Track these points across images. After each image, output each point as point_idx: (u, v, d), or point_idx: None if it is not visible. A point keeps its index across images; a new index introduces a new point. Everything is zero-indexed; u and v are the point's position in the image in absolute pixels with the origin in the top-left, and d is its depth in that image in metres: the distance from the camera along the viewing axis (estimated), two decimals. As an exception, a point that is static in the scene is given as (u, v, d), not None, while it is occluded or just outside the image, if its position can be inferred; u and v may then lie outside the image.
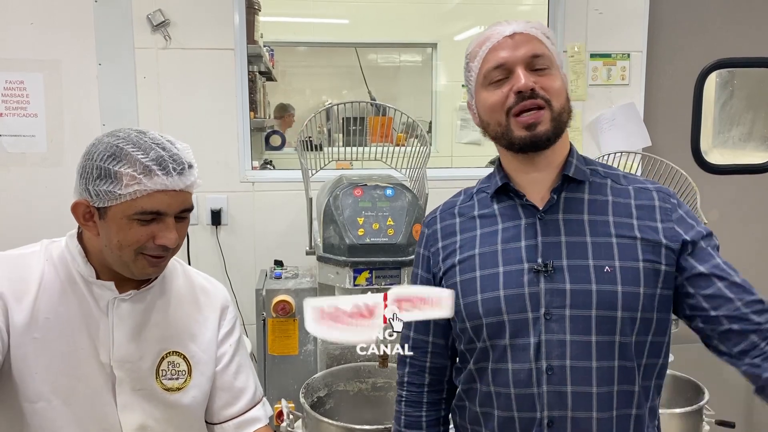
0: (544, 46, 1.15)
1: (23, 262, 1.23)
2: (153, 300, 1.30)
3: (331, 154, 2.11)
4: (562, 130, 1.16)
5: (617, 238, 1.14)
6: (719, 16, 2.72)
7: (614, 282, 1.12)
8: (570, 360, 1.12)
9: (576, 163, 1.20)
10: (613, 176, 1.22)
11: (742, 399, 2.94)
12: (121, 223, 1.16)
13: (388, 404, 1.95)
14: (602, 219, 1.16)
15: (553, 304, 1.13)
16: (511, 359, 1.15)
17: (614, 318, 1.12)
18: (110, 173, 1.14)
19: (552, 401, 1.13)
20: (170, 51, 2.39)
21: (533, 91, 1.12)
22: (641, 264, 1.13)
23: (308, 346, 2.07)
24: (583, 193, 1.18)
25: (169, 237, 1.17)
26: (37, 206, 2.37)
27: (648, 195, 1.18)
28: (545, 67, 1.14)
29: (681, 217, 1.17)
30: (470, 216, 1.26)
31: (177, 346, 1.30)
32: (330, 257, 1.67)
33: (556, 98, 1.13)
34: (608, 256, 1.13)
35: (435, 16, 5.07)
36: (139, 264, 1.20)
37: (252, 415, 1.40)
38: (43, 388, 1.19)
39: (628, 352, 1.13)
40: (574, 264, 1.14)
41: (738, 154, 2.88)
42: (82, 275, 1.23)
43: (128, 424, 1.24)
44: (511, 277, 1.16)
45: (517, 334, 1.15)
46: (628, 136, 2.62)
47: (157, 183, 1.14)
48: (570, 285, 1.13)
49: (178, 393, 1.29)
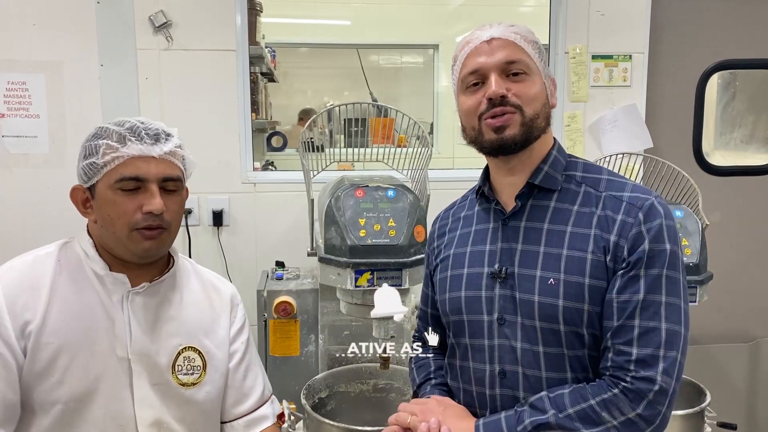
0: (521, 52, 1.14)
1: (36, 267, 1.24)
2: (166, 294, 1.31)
3: (332, 155, 2.11)
4: (533, 135, 1.15)
5: (569, 250, 1.12)
6: (721, 18, 2.72)
7: (556, 295, 1.10)
8: (522, 367, 1.14)
9: (547, 169, 1.17)
10: (592, 182, 1.17)
11: (744, 401, 2.93)
12: (107, 196, 1.21)
13: (390, 405, 1.95)
14: (560, 229, 1.14)
15: (506, 310, 1.15)
16: (472, 359, 1.20)
17: (558, 331, 1.11)
18: (92, 149, 1.22)
19: (506, 404, 1.15)
20: (172, 52, 2.40)
21: (504, 98, 1.12)
22: (587, 280, 1.09)
23: (309, 347, 2.07)
24: (550, 201, 1.17)
25: (153, 203, 1.20)
26: (39, 207, 2.38)
27: (616, 206, 1.11)
28: (521, 72, 1.13)
29: (639, 233, 1.08)
30: (457, 217, 1.30)
31: (193, 341, 1.32)
32: (331, 258, 1.67)
33: (528, 104, 1.13)
34: (555, 268, 1.12)
35: (436, 18, 5.08)
36: (134, 240, 1.22)
37: (261, 413, 1.42)
38: (60, 390, 1.20)
39: (581, 364, 1.12)
40: (523, 273, 1.14)
41: (740, 156, 2.88)
42: (95, 271, 1.25)
43: (144, 419, 1.25)
44: (472, 279, 1.20)
45: (474, 334, 1.19)
46: (629, 137, 2.62)
47: (132, 149, 1.20)
48: (519, 294, 1.14)
49: (193, 388, 1.30)
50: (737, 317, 2.85)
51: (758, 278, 2.88)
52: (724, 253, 2.31)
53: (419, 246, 1.69)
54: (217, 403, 1.37)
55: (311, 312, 2.05)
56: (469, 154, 1.28)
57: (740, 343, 2.89)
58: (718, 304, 1.93)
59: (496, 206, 1.21)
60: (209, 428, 1.37)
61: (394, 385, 1.96)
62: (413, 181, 2.03)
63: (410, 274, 1.67)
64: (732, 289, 2.66)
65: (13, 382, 1.17)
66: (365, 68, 5.13)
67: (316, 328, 2.05)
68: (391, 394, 1.96)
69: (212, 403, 1.35)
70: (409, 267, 1.67)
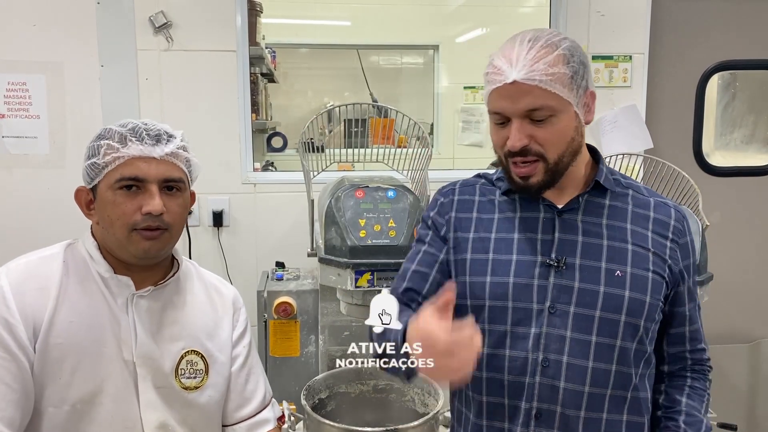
0: (546, 95, 1.08)
1: (42, 267, 1.24)
2: (170, 298, 1.31)
3: (332, 155, 2.11)
4: (561, 174, 1.15)
5: (633, 245, 1.17)
6: (721, 18, 2.72)
7: (623, 286, 1.14)
8: (567, 356, 1.14)
9: (606, 171, 1.23)
10: (635, 187, 1.25)
11: (744, 402, 2.93)
12: (108, 196, 1.21)
13: (390, 406, 1.95)
14: (620, 225, 1.19)
15: (560, 299, 1.15)
16: (510, 346, 1.16)
17: (617, 321, 1.14)
18: (94, 149, 1.22)
19: (543, 394, 1.15)
20: (172, 53, 2.40)
21: (526, 147, 1.11)
22: (650, 274, 1.16)
23: (309, 347, 2.07)
24: (604, 199, 1.21)
25: (152, 203, 1.20)
26: (39, 208, 2.38)
27: (666, 211, 1.21)
28: (544, 118, 1.10)
29: (687, 243, 1.22)
30: (490, 198, 1.26)
31: (195, 344, 1.32)
32: (332, 259, 1.67)
33: (552, 148, 1.12)
34: (621, 261, 1.16)
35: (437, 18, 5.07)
36: (134, 241, 1.22)
37: (263, 416, 1.43)
38: (68, 391, 1.19)
39: (627, 358, 1.15)
40: (586, 264, 1.16)
41: (740, 157, 2.88)
42: (100, 273, 1.25)
43: (150, 422, 1.25)
44: (523, 267, 1.17)
45: (519, 322, 1.16)
46: (629, 138, 2.62)
47: (133, 149, 1.20)
48: (579, 283, 1.15)
49: (196, 392, 1.30)
50: (737, 318, 2.85)
51: (758, 279, 2.88)
52: (724, 254, 2.31)
53: (419, 246, 1.69)
54: (219, 406, 1.37)
55: (311, 312, 2.05)
56: (470, 154, 1.28)
57: (740, 344, 2.89)
58: (718, 304, 1.93)
59: (543, 202, 1.20)
60: (212, 429, 1.37)
61: (394, 385, 1.95)
62: (413, 181, 2.03)
63: (410, 274, 1.67)
64: (732, 290, 2.66)
65: (27, 383, 1.17)
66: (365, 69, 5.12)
67: (316, 328, 2.05)
68: (391, 394, 1.96)
69: (214, 407, 1.35)
70: (409, 267, 1.66)
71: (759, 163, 2.82)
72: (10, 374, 1.15)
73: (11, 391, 1.14)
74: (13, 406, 1.14)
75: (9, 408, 1.14)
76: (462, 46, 5.12)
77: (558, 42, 1.10)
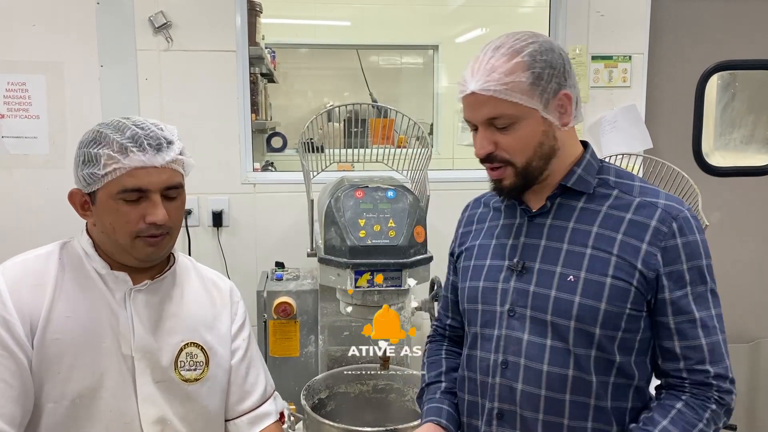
0: (504, 104, 1.09)
1: (38, 265, 1.24)
2: (167, 291, 1.32)
3: (332, 155, 2.11)
4: (533, 177, 1.16)
5: (592, 249, 1.13)
6: (721, 19, 2.72)
7: (573, 292, 1.12)
8: (524, 359, 1.16)
9: (580, 173, 1.18)
10: (625, 187, 1.17)
11: (744, 402, 2.93)
12: (109, 205, 1.20)
13: (390, 406, 1.95)
14: (585, 229, 1.15)
15: (518, 302, 1.17)
16: (480, 347, 1.23)
17: (567, 327, 1.12)
18: (91, 156, 1.18)
19: (503, 394, 1.18)
20: (172, 53, 2.40)
21: (491, 155, 1.14)
22: (609, 280, 1.11)
23: (309, 347, 2.07)
24: (578, 202, 1.18)
25: (156, 213, 1.19)
26: (39, 208, 2.38)
27: (649, 212, 1.12)
28: (506, 126, 1.12)
29: (675, 246, 1.10)
30: (488, 209, 1.32)
31: (195, 337, 1.32)
32: (331, 259, 1.67)
33: (518, 155, 1.13)
34: (576, 266, 1.13)
35: (436, 19, 5.07)
36: (137, 247, 1.22)
37: (264, 410, 1.43)
38: (66, 387, 1.20)
39: (584, 364, 1.12)
40: (543, 268, 1.16)
41: (739, 157, 2.88)
42: (96, 270, 1.25)
43: (147, 416, 1.25)
44: (492, 271, 1.22)
45: (486, 324, 1.22)
46: (629, 138, 2.62)
47: (134, 160, 1.17)
48: (534, 287, 1.16)
49: (196, 384, 1.31)
50: (737, 318, 2.85)
51: (758, 278, 2.88)
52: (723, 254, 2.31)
53: (419, 246, 1.69)
54: (221, 399, 1.37)
55: (311, 313, 2.05)
56: (469, 154, 1.28)
57: (740, 344, 2.89)
58: (717, 304, 1.93)
59: (521, 206, 1.22)
60: (213, 426, 1.37)
61: (394, 385, 1.95)
62: (413, 181, 2.03)
63: (410, 274, 1.67)
64: (731, 290, 2.65)
65: (26, 380, 1.17)
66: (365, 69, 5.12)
67: (316, 328, 2.05)
68: (390, 394, 1.96)
69: (215, 399, 1.35)
70: (408, 267, 1.67)
71: (758, 163, 2.82)
72: (8, 371, 1.15)
73: (10, 388, 1.15)
74: (12, 403, 1.15)
75: (9, 405, 1.14)
76: (462, 46, 5.12)
77: (521, 48, 1.10)
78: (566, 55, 1.16)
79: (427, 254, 1.71)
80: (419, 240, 1.70)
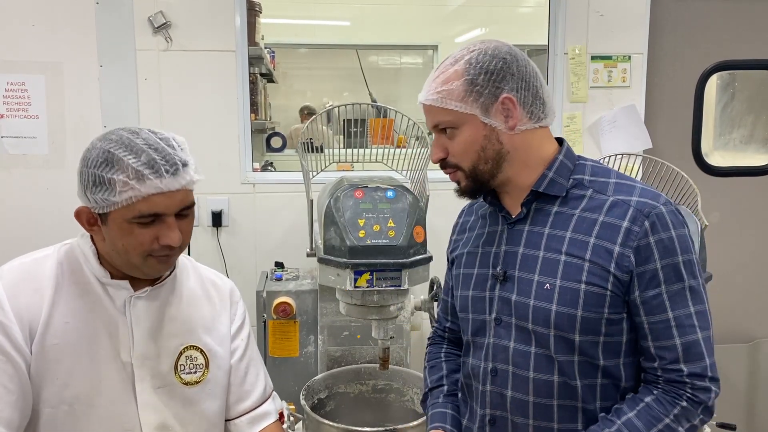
0: (442, 112, 1.14)
1: (37, 269, 1.23)
2: (167, 296, 1.31)
3: (332, 155, 2.11)
4: (484, 181, 1.17)
5: (566, 256, 1.12)
6: (720, 19, 2.72)
7: (550, 300, 1.12)
8: (512, 366, 1.17)
9: (552, 175, 1.16)
10: (599, 186, 1.15)
11: (743, 402, 2.93)
12: (122, 227, 1.16)
13: (389, 406, 1.95)
14: (560, 234, 1.14)
15: (503, 311, 1.18)
16: (472, 355, 1.25)
17: (547, 335, 1.13)
18: (104, 180, 1.13)
19: (494, 401, 1.20)
20: (171, 53, 2.40)
21: (444, 160, 1.18)
22: (583, 286, 1.09)
23: (309, 347, 2.07)
24: (552, 206, 1.16)
25: (171, 237, 1.18)
26: (38, 208, 2.38)
27: (621, 212, 1.09)
28: (449, 130, 1.16)
29: (647, 245, 1.07)
30: (477, 216, 1.33)
31: (194, 339, 1.32)
32: (331, 259, 1.67)
33: (463, 159, 1.16)
34: (552, 273, 1.13)
35: (436, 18, 5.07)
36: (149, 264, 1.21)
37: (264, 409, 1.43)
38: (64, 392, 1.19)
39: (569, 370, 1.13)
40: (522, 276, 1.17)
41: (739, 157, 2.88)
42: (96, 276, 1.24)
43: (148, 423, 1.25)
44: (480, 280, 1.24)
45: (476, 332, 1.24)
46: (629, 138, 2.62)
47: (151, 187, 1.13)
48: (515, 296, 1.17)
49: (197, 387, 1.30)
50: (736, 318, 2.85)
51: (757, 278, 2.88)
52: (723, 254, 2.31)
53: (418, 247, 1.69)
54: (221, 400, 1.37)
55: (310, 313, 2.05)
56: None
57: (739, 344, 2.89)
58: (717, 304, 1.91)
59: (500, 212, 1.23)
60: (214, 428, 1.36)
61: (393, 385, 1.96)
62: (412, 181, 2.03)
63: (410, 275, 1.67)
64: (731, 290, 2.66)
65: (25, 384, 1.16)
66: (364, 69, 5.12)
67: (316, 328, 2.05)
68: (390, 394, 1.96)
69: (216, 401, 1.35)
70: (408, 268, 1.67)
71: (758, 163, 2.82)
72: (6, 375, 1.14)
73: (8, 392, 1.14)
74: (10, 408, 1.14)
75: (7, 409, 1.14)
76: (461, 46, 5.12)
77: (461, 56, 1.15)
78: (516, 57, 1.14)
79: (426, 254, 1.71)
80: (419, 240, 1.70)
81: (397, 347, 2.03)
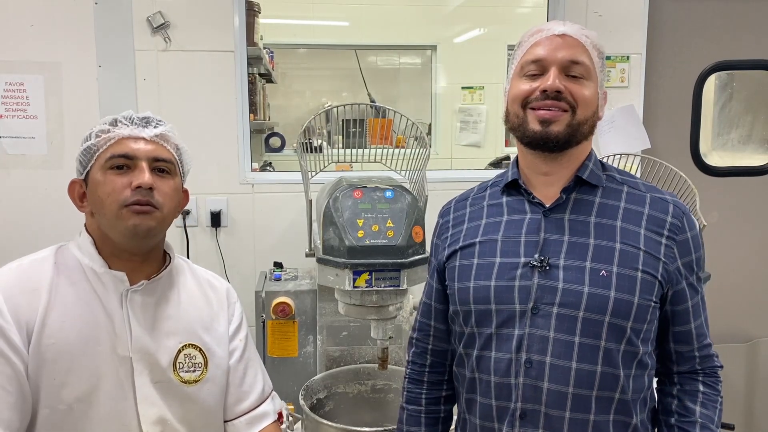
0: (587, 56, 1.17)
1: (33, 270, 1.24)
2: (164, 292, 1.32)
3: (330, 156, 2.11)
4: (575, 139, 1.17)
5: (621, 244, 1.15)
6: (719, 19, 2.72)
7: (608, 287, 1.13)
8: (550, 357, 1.14)
9: (592, 167, 1.21)
10: (631, 183, 1.23)
11: (742, 401, 2.94)
12: (98, 178, 1.24)
13: (388, 406, 1.95)
14: (610, 223, 1.17)
15: (543, 300, 1.16)
16: (495, 348, 1.19)
17: (601, 322, 1.13)
18: (87, 137, 1.28)
19: (527, 394, 1.16)
20: (170, 53, 2.40)
21: (560, 93, 1.14)
22: (639, 273, 1.14)
23: (308, 347, 2.07)
24: (594, 196, 1.20)
25: (141, 176, 1.23)
26: (36, 208, 2.37)
27: (663, 207, 1.19)
28: (580, 76, 1.16)
29: (686, 240, 1.18)
30: (480, 206, 1.30)
31: (193, 338, 1.32)
32: (329, 259, 1.67)
33: (582, 106, 1.16)
34: (608, 260, 1.14)
35: (435, 19, 5.08)
36: (123, 217, 1.22)
37: (262, 410, 1.43)
38: (63, 391, 1.20)
39: (613, 359, 1.13)
40: (570, 264, 1.15)
41: (737, 157, 2.88)
42: (94, 270, 1.25)
43: (147, 417, 1.25)
44: (505, 269, 1.19)
45: (503, 324, 1.18)
46: (627, 138, 2.62)
47: (123, 130, 1.27)
48: (563, 284, 1.15)
49: (195, 385, 1.31)
50: (735, 317, 2.85)
51: (756, 278, 2.88)
52: (721, 254, 2.31)
53: (417, 247, 1.69)
54: (220, 400, 1.37)
55: (309, 313, 2.05)
56: (467, 154, 1.29)
57: (738, 344, 2.89)
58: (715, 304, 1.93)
59: (533, 199, 1.22)
60: (212, 427, 1.37)
61: (392, 385, 1.96)
62: (411, 181, 2.03)
63: (408, 275, 1.67)
64: (730, 290, 2.67)
65: (23, 385, 1.17)
66: (363, 69, 5.13)
67: (315, 328, 2.05)
68: (389, 394, 1.96)
69: (214, 401, 1.35)
70: (407, 268, 1.67)
71: (756, 163, 2.82)
72: (5, 377, 1.15)
73: (7, 393, 1.15)
74: (10, 409, 1.15)
75: (6, 411, 1.14)
76: (460, 46, 5.13)
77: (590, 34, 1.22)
78: None
79: (425, 254, 1.71)
80: (417, 240, 1.70)
81: (395, 347, 2.03)
